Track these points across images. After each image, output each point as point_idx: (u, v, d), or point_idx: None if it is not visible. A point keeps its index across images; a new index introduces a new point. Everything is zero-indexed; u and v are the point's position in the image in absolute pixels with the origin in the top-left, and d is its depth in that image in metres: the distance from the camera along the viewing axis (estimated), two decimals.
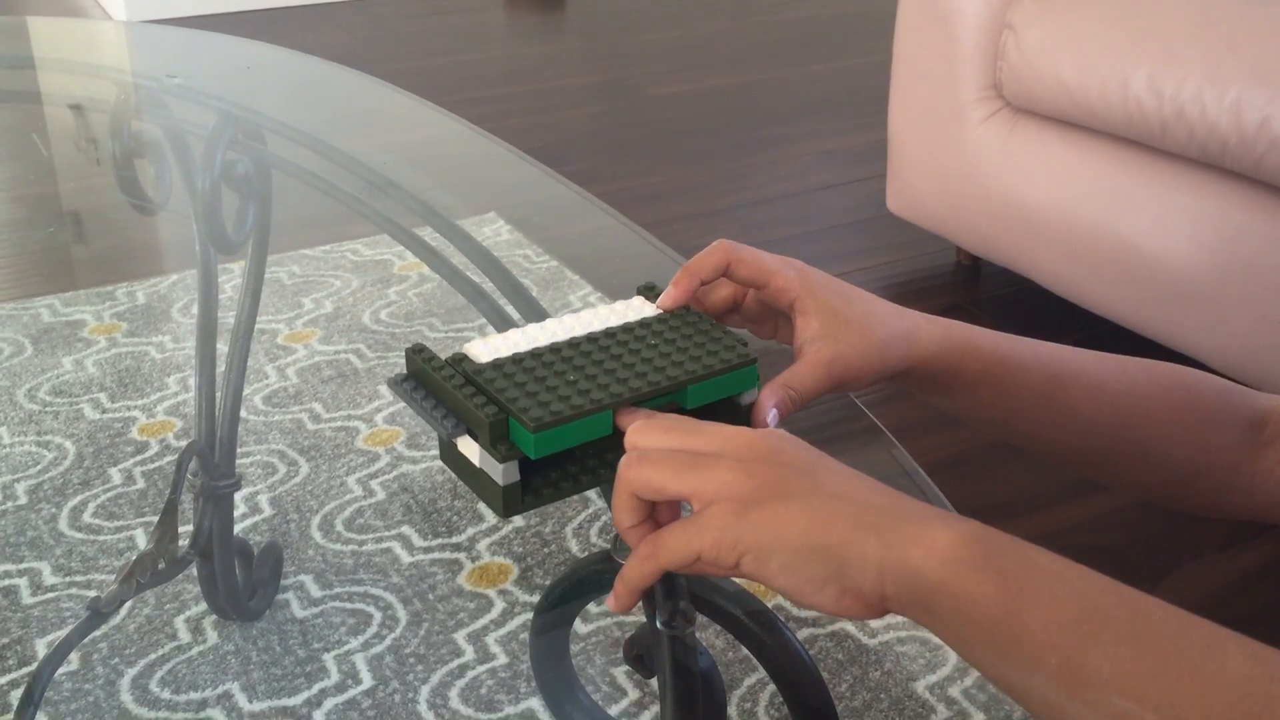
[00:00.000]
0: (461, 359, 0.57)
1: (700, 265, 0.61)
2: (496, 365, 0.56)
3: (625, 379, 0.55)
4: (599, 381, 0.55)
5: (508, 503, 0.54)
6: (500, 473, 0.53)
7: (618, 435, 0.55)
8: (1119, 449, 0.65)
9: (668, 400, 0.57)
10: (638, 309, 0.61)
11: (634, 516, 0.49)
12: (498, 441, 0.53)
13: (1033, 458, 0.68)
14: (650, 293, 0.63)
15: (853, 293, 0.61)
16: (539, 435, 0.52)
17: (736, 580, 0.55)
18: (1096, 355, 0.65)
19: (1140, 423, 0.64)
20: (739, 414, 0.58)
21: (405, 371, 0.58)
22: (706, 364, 0.56)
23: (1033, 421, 0.64)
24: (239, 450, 1.42)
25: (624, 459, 0.50)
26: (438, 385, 0.56)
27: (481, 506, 1.34)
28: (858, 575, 0.44)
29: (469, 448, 0.55)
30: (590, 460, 0.56)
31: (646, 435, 0.50)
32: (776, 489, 0.45)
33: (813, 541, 0.44)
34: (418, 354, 0.58)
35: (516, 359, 0.56)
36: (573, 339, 0.58)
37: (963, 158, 1.91)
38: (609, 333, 0.59)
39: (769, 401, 0.56)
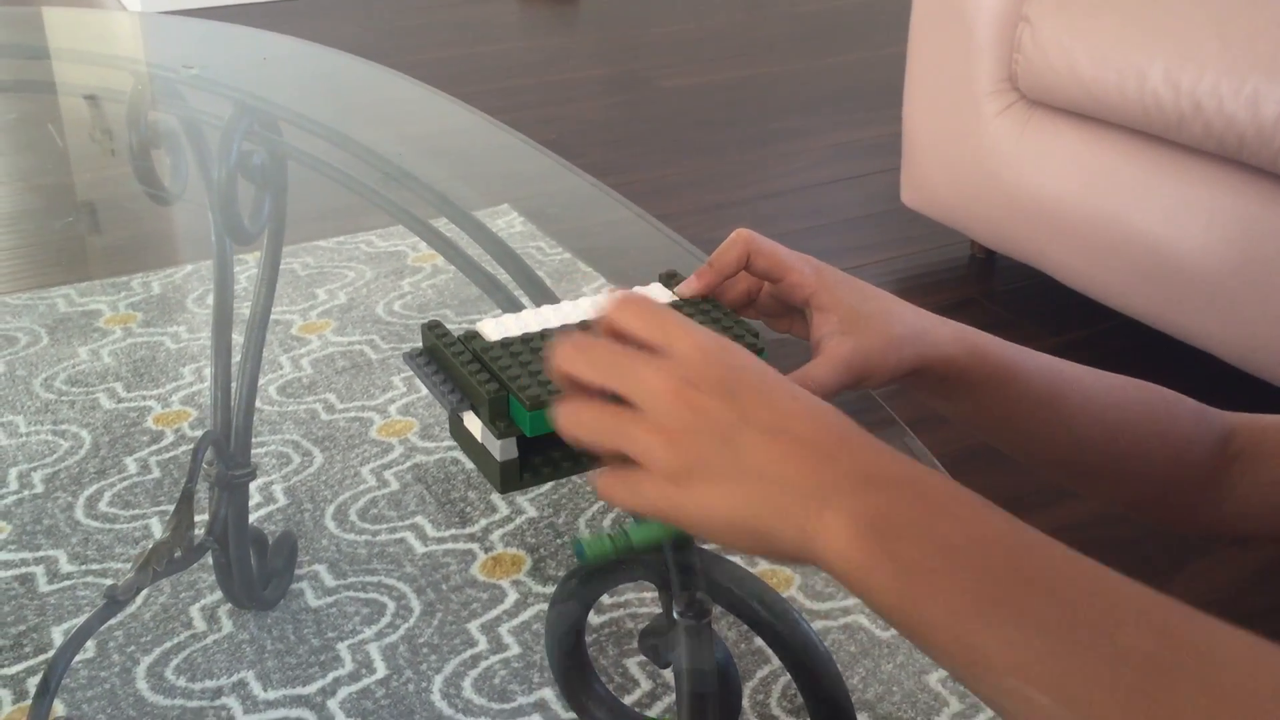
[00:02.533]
0: (473, 336, 0.58)
1: (724, 260, 0.61)
2: (505, 344, 0.57)
3: None
4: None
5: (505, 479, 0.54)
6: (498, 449, 0.54)
7: None
8: (1105, 461, 0.66)
9: None
10: (655, 295, 0.62)
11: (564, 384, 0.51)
12: (497, 418, 0.54)
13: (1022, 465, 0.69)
14: (671, 280, 0.63)
15: (869, 290, 0.61)
16: (535, 413, 0.53)
17: (753, 570, 0.55)
18: (1089, 369, 0.66)
19: (1126, 436, 0.65)
20: None
21: (421, 346, 0.59)
22: None
23: (1029, 430, 0.65)
24: (254, 440, 1.42)
25: (568, 339, 0.50)
26: (448, 361, 0.57)
27: (495, 497, 1.34)
28: (784, 548, 0.45)
29: (473, 423, 0.56)
30: None
31: (622, 311, 0.50)
32: (698, 466, 0.45)
33: (738, 525, 0.45)
34: (432, 330, 0.58)
35: (526, 338, 0.57)
36: (584, 321, 0.59)
37: (977, 151, 1.90)
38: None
39: None
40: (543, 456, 0.55)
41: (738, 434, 0.45)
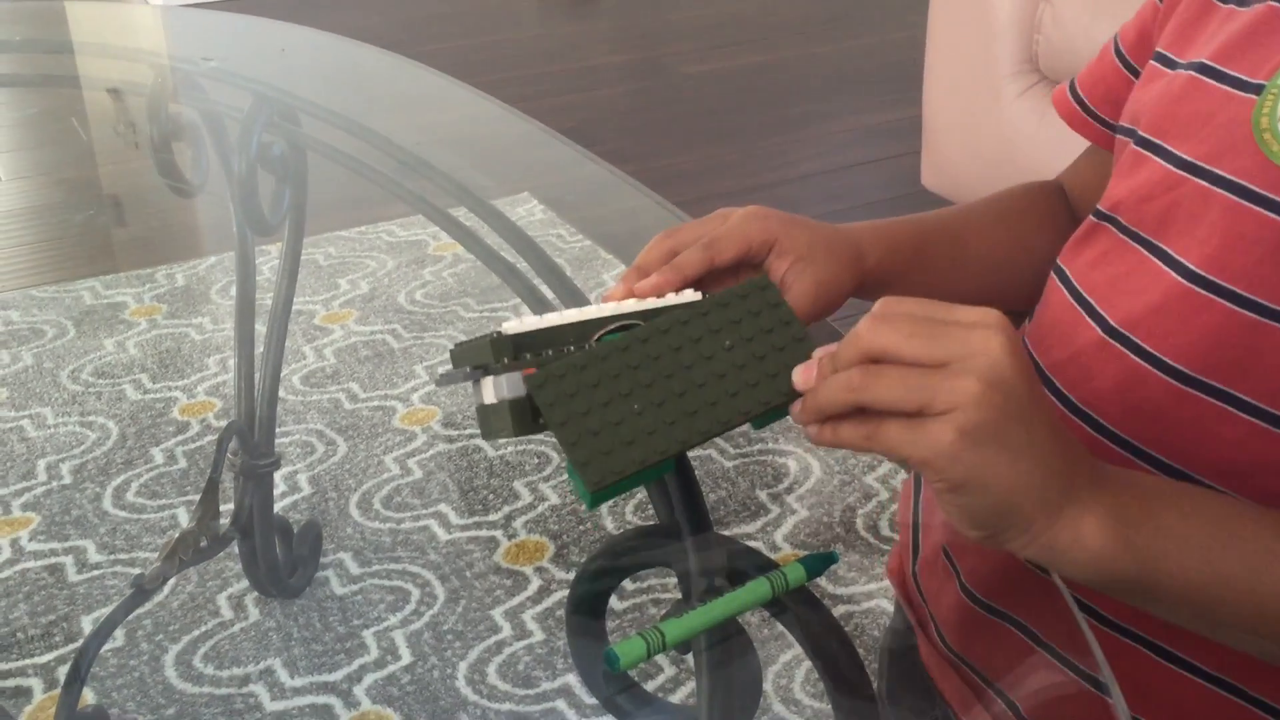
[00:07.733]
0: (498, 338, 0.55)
1: (719, 246, 0.63)
2: (557, 377, 0.51)
3: (694, 411, 0.51)
4: (664, 419, 0.51)
5: (517, 418, 0.50)
6: (506, 385, 0.50)
7: None
8: (994, 269, 0.72)
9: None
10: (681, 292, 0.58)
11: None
12: (502, 356, 0.51)
13: None
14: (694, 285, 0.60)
15: (809, 221, 0.64)
16: (595, 495, 0.49)
17: (771, 557, 0.55)
18: (980, 200, 0.73)
19: (1013, 239, 0.73)
20: None
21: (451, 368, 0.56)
22: (780, 388, 0.51)
23: (943, 275, 0.70)
24: (278, 430, 1.43)
25: (865, 321, 0.49)
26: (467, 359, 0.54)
27: (518, 485, 1.35)
28: (1012, 535, 0.48)
29: (486, 387, 0.53)
30: None
31: (895, 304, 0.50)
32: (998, 434, 0.47)
33: (1007, 501, 0.47)
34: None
35: (576, 367, 0.51)
36: (602, 319, 0.55)
37: (999, 132, 1.89)
38: (661, 329, 0.53)
39: None
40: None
41: (1033, 420, 0.48)
